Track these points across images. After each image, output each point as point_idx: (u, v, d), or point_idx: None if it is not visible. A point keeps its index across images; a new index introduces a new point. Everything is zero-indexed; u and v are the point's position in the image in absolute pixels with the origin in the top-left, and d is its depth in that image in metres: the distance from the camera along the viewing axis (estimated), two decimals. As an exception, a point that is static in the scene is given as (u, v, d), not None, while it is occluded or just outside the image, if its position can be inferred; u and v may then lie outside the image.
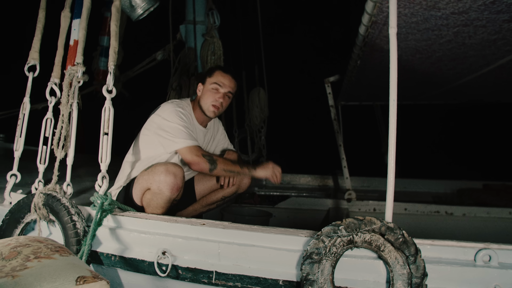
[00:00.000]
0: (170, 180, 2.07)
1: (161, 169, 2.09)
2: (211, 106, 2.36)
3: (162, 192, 2.08)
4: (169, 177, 2.07)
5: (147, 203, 2.15)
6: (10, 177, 2.11)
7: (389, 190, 1.54)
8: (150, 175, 2.12)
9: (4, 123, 3.95)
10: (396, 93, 1.56)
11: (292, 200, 3.84)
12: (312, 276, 1.51)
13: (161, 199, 2.10)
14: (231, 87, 2.38)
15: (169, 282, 1.79)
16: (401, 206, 3.50)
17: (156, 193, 2.09)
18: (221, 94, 2.35)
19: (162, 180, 2.07)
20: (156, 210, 2.14)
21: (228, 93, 2.38)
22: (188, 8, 3.67)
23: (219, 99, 2.35)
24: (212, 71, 2.42)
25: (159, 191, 2.08)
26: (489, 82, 3.16)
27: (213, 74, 2.39)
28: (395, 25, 1.58)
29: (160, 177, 2.07)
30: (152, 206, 2.14)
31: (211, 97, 2.35)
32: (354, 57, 2.72)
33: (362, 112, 4.78)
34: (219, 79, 2.36)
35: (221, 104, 2.36)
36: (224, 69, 2.42)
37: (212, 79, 2.37)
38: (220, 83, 2.35)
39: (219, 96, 2.35)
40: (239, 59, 4.72)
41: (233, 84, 2.40)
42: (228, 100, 2.41)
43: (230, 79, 2.38)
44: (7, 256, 1.26)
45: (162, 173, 2.07)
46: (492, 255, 1.52)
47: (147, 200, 2.15)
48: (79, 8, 2.09)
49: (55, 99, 2.07)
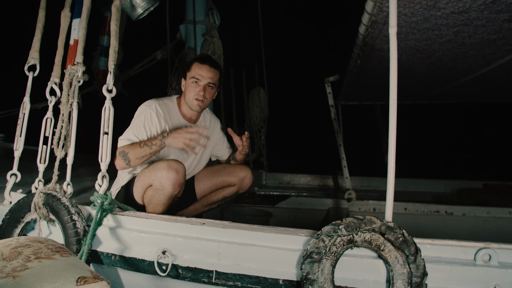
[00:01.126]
0: (172, 175, 2.06)
1: (163, 165, 2.08)
2: (194, 100, 2.32)
3: (164, 188, 2.07)
4: (171, 173, 2.06)
5: (149, 200, 2.15)
6: (10, 176, 2.11)
7: (389, 189, 1.54)
8: (152, 171, 2.11)
9: (4, 123, 3.95)
10: (396, 93, 1.56)
11: (292, 199, 3.84)
12: (312, 275, 1.51)
13: (163, 195, 2.10)
14: (210, 77, 2.31)
15: (169, 282, 1.79)
16: (401, 205, 3.51)
17: (158, 189, 2.09)
18: (201, 87, 2.30)
19: (164, 176, 2.06)
20: (158, 207, 2.14)
21: (208, 84, 2.32)
22: (188, 8, 3.67)
23: (200, 92, 2.30)
24: (190, 65, 2.37)
25: (161, 187, 2.08)
26: (489, 82, 3.16)
27: (191, 68, 2.34)
28: (395, 24, 1.58)
29: (162, 173, 2.06)
30: (154, 203, 2.13)
31: (192, 91, 2.32)
32: (354, 57, 2.72)
33: (362, 112, 4.79)
34: (196, 72, 2.30)
35: (203, 96, 2.31)
36: (201, 60, 2.35)
37: (191, 73, 2.32)
38: (198, 76, 2.30)
39: (199, 89, 2.30)
40: (239, 59, 4.73)
41: (212, 74, 2.32)
42: (211, 90, 2.35)
43: (208, 69, 2.30)
44: (7, 257, 1.26)
45: (164, 169, 2.06)
46: (492, 254, 1.52)
47: (148, 197, 2.15)
48: (79, 8, 2.09)
49: (55, 98, 2.07)
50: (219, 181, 2.53)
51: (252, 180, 2.53)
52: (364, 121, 5.03)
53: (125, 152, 2.13)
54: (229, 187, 2.53)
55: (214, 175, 2.54)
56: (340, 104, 4.21)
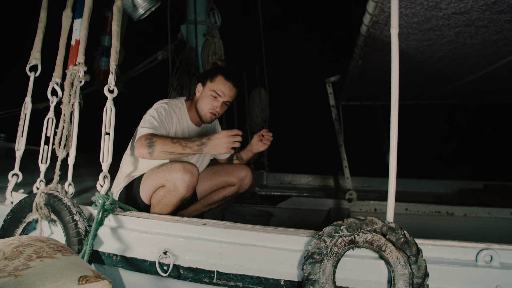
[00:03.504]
0: (187, 178, 2.05)
1: (179, 167, 2.06)
2: (208, 113, 2.33)
3: (177, 189, 2.06)
4: (186, 175, 2.05)
5: (158, 200, 2.13)
6: (11, 176, 2.11)
7: (391, 190, 1.54)
8: (165, 172, 2.09)
9: (5, 123, 3.95)
10: (397, 93, 1.56)
11: (293, 200, 3.84)
12: (313, 276, 1.51)
13: (175, 196, 2.08)
14: (231, 96, 2.32)
15: (170, 282, 1.79)
16: (402, 206, 3.51)
17: (171, 190, 2.07)
18: (219, 103, 2.31)
19: (179, 177, 2.04)
20: (166, 207, 2.13)
21: (226, 102, 2.34)
22: (189, 8, 3.68)
23: (216, 108, 2.31)
24: (214, 75, 2.32)
25: (174, 188, 2.06)
26: (491, 82, 3.16)
27: (215, 80, 2.30)
28: (397, 25, 1.58)
29: (178, 175, 2.05)
30: (163, 203, 2.12)
31: (208, 104, 2.31)
32: (355, 57, 2.72)
33: (363, 112, 4.79)
34: (219, 88, 2.28)
35: (218, 112, 2.33)
36: (227, 75, 2.32)
37: (213, 85, 2.30)
38: (220, 92, 2.28)
39: (217, 104, 2.31)
40: (240, 59, 4.74)
41: (233, 93, 2.33)
42: (225, 107, 2.37)
43: (230, 88, 2.30)
44: (9, 256, 1.27)
45: (180, 171, 2.05)
46: (494, 255, 1.51)
47: (158, 197, 2.13)
48: (81, 8, 2.10)
49: (56, 98, 2.07)
50: (219, 181, 2.53)
51: (252, 179, 2.54)
52: (365, 122, 5.04)
53: (152, 141, 2.05)
54: (229, 187, 2.53)
55: (214, 175, 2.54)
56: (341, 105, 4.22)
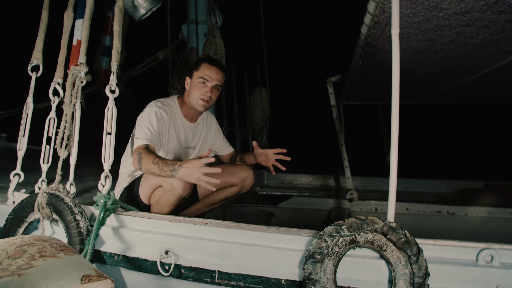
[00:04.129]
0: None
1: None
2: (200, 100, 2.32)
3: (174, 189, 2.07)
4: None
5: (156, 200, 2.14)
6: (13, 176, 2.12)
7: (391, 189, 1.54)
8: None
9: (7, 123, 3.96)
10: (398, 93, 1.56)
11: (293, 200, 3.84)
12: (314, 275, 1.52)
13: (172, 196, 2.09)
14: (218, 80, 2.32)
15: (172, 281, 1.80)
16: (403, 206, 3.51)
17: (168, 190, 2.08)
18: (208, 88, 2.31)
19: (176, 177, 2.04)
20: (165, 207, 2.14)
21: (216, 86, 2.33)
22: (190, 8, 3.67)
23: (207, 93, 2.31)
24: (198, 64, 2.35)
25: (171, 188, 2.07)
26: (491, 82, 3.16)
27: (200, 67, 2.32)
28: (398, 25, 1.58)
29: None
30: (162, 203, 2.13)
31: (198, 91, 2.32)
32: (356, 57, 2.73)
33: (363, 112, 4.79)
34: (205, 73, 2.30)
35: (209, 97, 2.32)
36: (210, 61, 2.35)
37: (199, 72, 2.31)
38: (207, 77, 2.29)
39: (207, 90, 2.31)
40: (241, 58, 4.74)
41: (220, 76, 2.33)
42: (216, 92, 2.37)
43: (216, 71, 2.32)
44: (12, 255, 1.27)
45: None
46: (494, 255, 1.52)
47: (156, 197, 2.14)
48: (82, 8, 2.10)
49: (58, 99, 2.08)
50: (221, 181, 2.52)
51: (254, 180, 2.53)
52: (366, 121, 5.04)
53: (140, 157, 2.08)
54: (231, 187, 2.53)
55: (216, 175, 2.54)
56: (342, 104, 4.22)
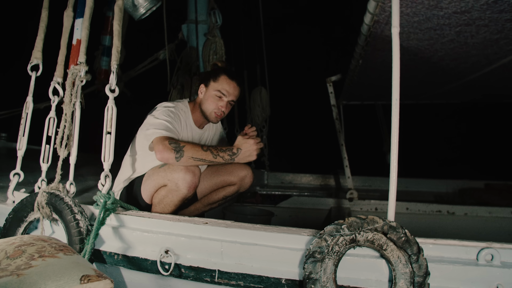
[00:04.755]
0: (189, 177, 2.05)
1: (181, 167, 2.07)
2: (213, 113, 2.33)
3: (179, 189, 2.07)
4: (188, 175, 2.05)
5: (159, 200, 2.14)
6: (13, 176, 2.11)
7: (392, 189, 1.54)
8: (167, 172, 2.09)
9: (6, 122, 3.96)
10: (398, 93, 1.56)
11: (293, 199, 3.84)
12: (314, 274, 1.52)
13: (177, 196, 2.09)
14: (235, 95, 2.34)
15: (172, 281, 1.80)
16: (403, 205, 3.51)
17: (173, 190, 2.08)
18: (224, 103, 2.32)
19: (181, 177, 2.05)
20: (168, 207, 2.13)
21: (231, 101, 2.35)
22: (190, 8, 3.67)
23: (221, 108, 2.32)
24: (217, 75, 2.33)
25: (176, 188, 2.07)
26: (491, 82, 3.16)
27: (218, 79, 2.31)
28: (398, 24, 1.58)
29: (179, 174, 2.05)
30: (165, 203, 2.12)
31: (213, 104, 2.32)
32: (356, 57, 2.72)
33: (363, 112, 4.79)
34: (224, 87, 2.29)
35: (223, 112, 2.34)
36: (230, 75, 2.33)
37: (217, 85, 2.30)
38: (225, 92, 2.29)
39: (222, 104, 2.32)
40: (241, 58, 4.73)
41: (237, 92, 2.35)
42: (230, 107, 2.38)
43: (235, 87, 2.32)
44: (11, 255, 1.27)
45: (182, 171, 2.05)
46: (495, 254, 1.52)
47: (160, 196, 2.13)
48: (82, 8, 2.10)
49: (58, 98, 2.07)
50: (219, 181, 2.53)
51: (253, 179, 2.54)
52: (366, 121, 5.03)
53: (180, 146, 2.04)
54: (229, 186, 2.53)
55: (214, 174, 2.54)
56: (342, 104, 4.22)
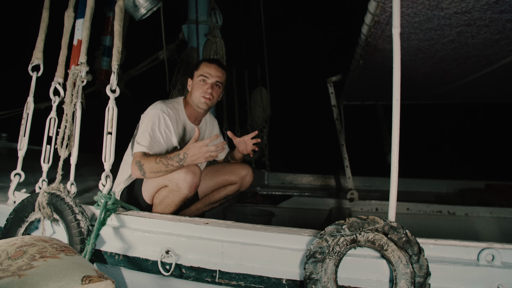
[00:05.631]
0: (190, 178, 2.06)
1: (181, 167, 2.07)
2: (202, 98, 2.34)
3: (180, 189, 2.07)
4: (189, 175, 2.06)
5: (160, 200, 2.14)
6: (14, 176, 2.11)
7: (392, 189, 1.54)
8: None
9: (7, 122, 3.96)
10: (399, 93, 1.56)
11: (294, 199, 3.84)
12: (315, 275, 1.52)
13: (178, 196, 2.10)
14: (219, 76, 2.35)
15: (172, 281, 1.80)
16: (404, 205, 3.51)
17: (174, 190, 2.08)
18: (209, 85, 2.33)
19: (182, 177, 2.05)
20: (169, 207, 2.14)
21: (216, 82, 2.35)
22: (191, 8, 3.68)
23: (208, 90, 2.33)
24: (198, 64, 2.42)
25: (177, 188, 2.07)
26: (492, 82, 3.15)
27: (199, 67, 2.38)
28: (398, 24, 1.58)
29: (180, 175, 2.06)
30: (166, 203, 2.13)
31: (200, 89, 2.34)
32: (357, 57, 2.73)
33: (364, 112, 4.79)
34: (205, 70, 2.34)
35: (211, 94, 2.34)
36: (209, 60, 2.43)
37: (199, 71, 2.36)
38: (207, 74, 2.33)
39: (207, 86, 2.33)
40: (242, 58, 4.74)
41: (220, 73, 2.37)
42: (218, 90, 2.38)
43: (216, 68, 2.36)
44: (13, 256, 1.27)
45: (182, 171, 2.06)
46: (495, 254, 1.52)
47: (161, 197, 2.14)
48: (83, 8, 2.10)
49: (58, 98, 2.08)
50: (220, 180, 2.54)
51: (253, 178, 2.55)
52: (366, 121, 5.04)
53: (140, 163, 2.09)
54: (230, 186, 2.54)
55: (215, 174, 2.55)
56: (342, 104, 4.22)
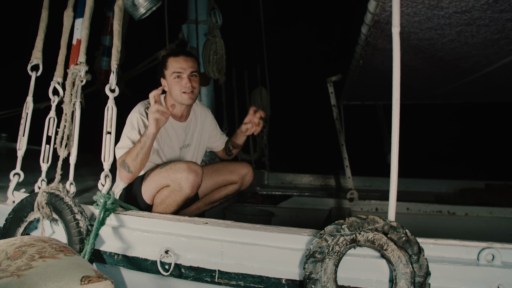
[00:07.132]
0: (192, 177, 2.04)
1: (183, 167, 2.05)
2: (183, 94, 2.25)
3: (182, 189, 2.06)
4: (191, 175, 2.04)
5: (162, 200, 2.13)
6: (13, 176, 2.11)
7: (392, 189, 1.54)
8: (169, 172, 2.08)
9: (6, 122, 3.96)
10: (399, 93, 1.56)
11: (294, 199, 3.84)
12: (315, 275, 1.52)
13: (180, 196, 2.08)
14: (191, 66, 2.25)
15: (172, 281, 1.79)
16: (403, 205, 3.51)
17: (176, 190, 2.07)
18: (186, 79, 2.22)
19: (184, 177, 2.04)
20: (170, 207, 2.12)
21: (192, 73, 2.25)
22: (190, 8, 3.67)
23: (187, 84, 2.23)
24: (164, 62, 2.28)
25: (179, 188, 2.06)
26: (492, 82, 3.15)
27: (167, 65, 2.26)
28: (398, 24, 1.58)
29: (182, 175, 2.04)
30: (167, 203, 2.11)
31: (177, 86, 2.24)
32: (356, 57, 2.72)
33: (364, 112, 4.79)
34: (175, 66, 2.23)
35: (191, 87, 2.25)
36: (174, 53, 2.28)
37: (170, 69, 2.25)
38: (179, 69, 2.22)
39: (185, 81, 2.23)
40: (241, 58, 4.73)
41: (191, 63, 2.26)
42: (196, 79, 2.29)
43: (185, 59, 2.24)
44: (12, 256, 1.27)
45: (185, 171, 2.04)
46: (495, 254, 1.51)
47: (162, 197, 2.12)
48: (82, 8, 2.10)
49: (58, 98, 2.08)
50: (220, 180, 2.53)
51: (253, 177, 2.54)
52: (366, 121, 5.03)
53: (123, 161, 2.07)
54: (230, 185, 2.53)
55: (215, 173, 2.54)
56: (342, 104, 4.22)
